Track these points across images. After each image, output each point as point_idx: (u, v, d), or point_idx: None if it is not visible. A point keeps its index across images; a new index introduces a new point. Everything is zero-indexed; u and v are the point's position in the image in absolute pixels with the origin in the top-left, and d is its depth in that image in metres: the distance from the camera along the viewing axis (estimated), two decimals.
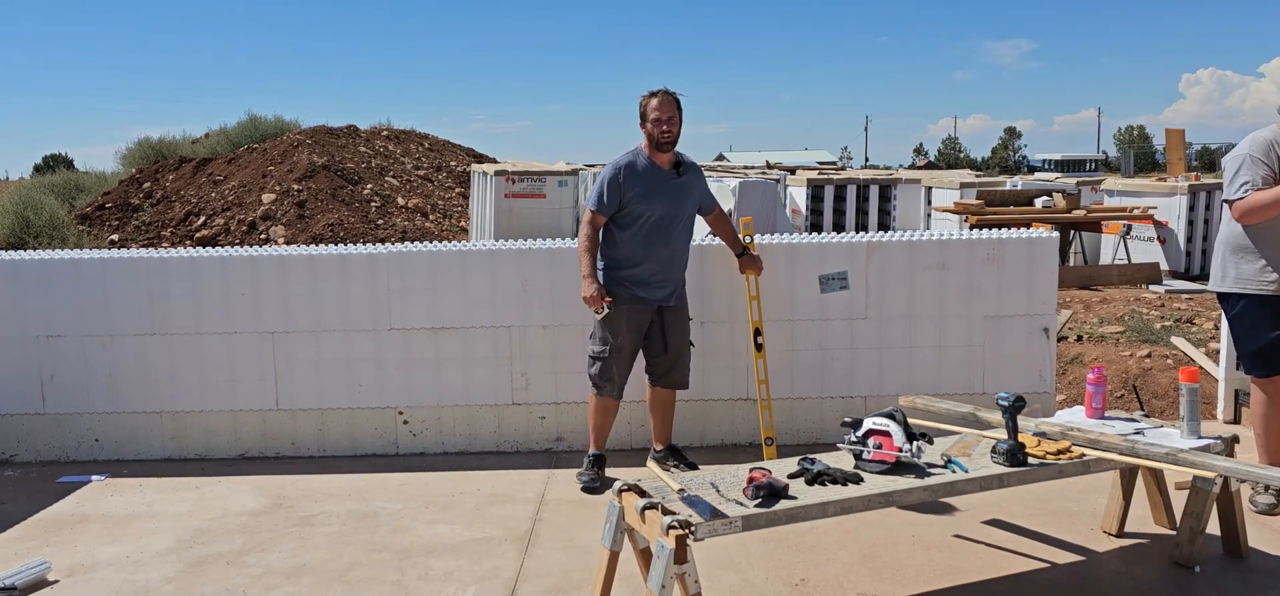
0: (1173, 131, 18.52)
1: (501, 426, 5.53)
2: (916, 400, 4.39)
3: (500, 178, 13.21)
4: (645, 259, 4.78)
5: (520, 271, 5.42)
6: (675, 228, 4.86)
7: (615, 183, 4.73)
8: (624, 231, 4.78)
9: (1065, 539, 4.18)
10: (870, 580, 3.82)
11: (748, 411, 5.54)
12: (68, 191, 18.58)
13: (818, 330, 5.47)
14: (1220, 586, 3.73)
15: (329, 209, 16.17)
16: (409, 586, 3.87)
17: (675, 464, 5.02)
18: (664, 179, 4.80)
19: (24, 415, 5.53)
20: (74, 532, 4.49)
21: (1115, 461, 3.68)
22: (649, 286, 4.82)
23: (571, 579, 3.88)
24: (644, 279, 4.81)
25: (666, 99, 4.76)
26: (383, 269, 5.41)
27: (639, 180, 4.74)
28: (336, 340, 5.46)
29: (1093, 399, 4.01)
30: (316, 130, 19.85)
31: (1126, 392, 6.74)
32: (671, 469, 4.71)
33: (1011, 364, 5.50)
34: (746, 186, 11.49)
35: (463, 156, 22.76)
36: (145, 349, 5.44)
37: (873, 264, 5.44)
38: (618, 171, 4.74)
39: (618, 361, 4.85)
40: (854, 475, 3.36)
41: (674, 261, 4.90)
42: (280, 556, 4.17)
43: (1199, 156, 62.40)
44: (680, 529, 2.97)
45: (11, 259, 5.48)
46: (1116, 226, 12.58)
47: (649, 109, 4.76)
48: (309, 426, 5.52)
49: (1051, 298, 5.50)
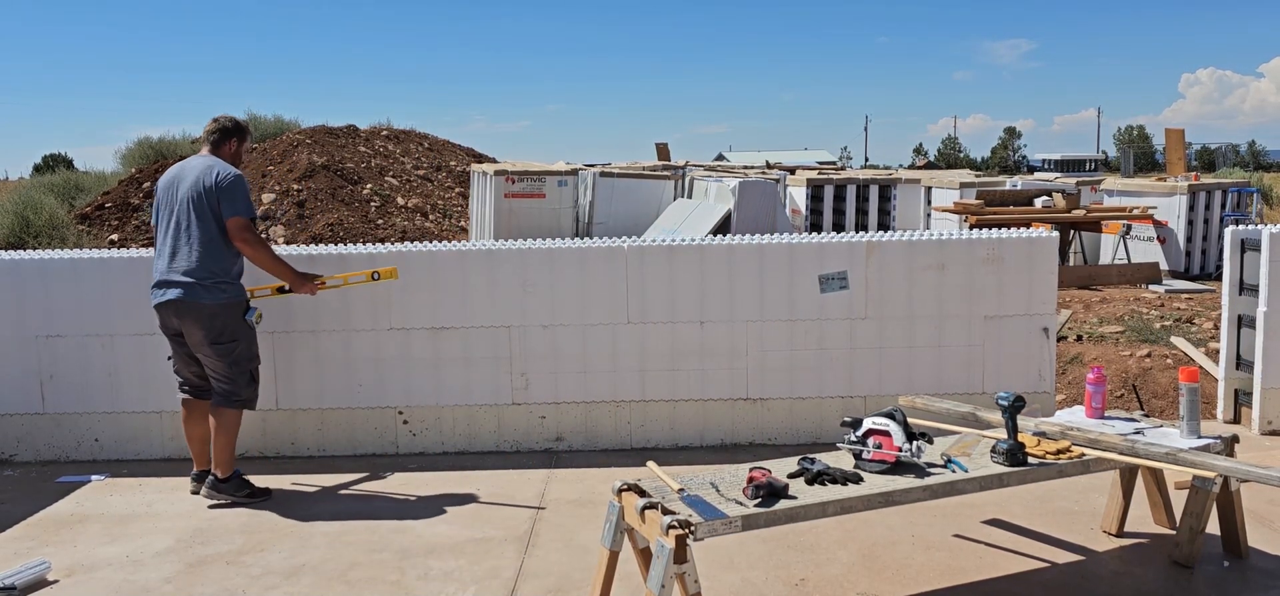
0: (1172, 131, 18.54)
1: (501, 426, 5.53)
2: (916, 400, 4.39)
3: (500, 178, 13.20)
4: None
5: (520, 271, 5.42)
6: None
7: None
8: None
9: (1065, 538, 4.18)
10: (870, 580, 3.82)
11: (748, 411, 5.54)
12: (68, 191, 18.57)
13: (817, 330, 5.47)
14: (1220, 586, 3.73)
15: (329, 209, 16.16)
16: (409, 586, 3.87)
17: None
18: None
19: (24, 415, 5.52)
20: (74, 532, 4.49)
21: (1115, 461, 3.68)
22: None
23: (571, 579, 3.88)
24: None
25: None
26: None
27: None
28: (336, 340, 5.46)
29: (1092, 398, 4.01)
30: (316, 130, 19.83)
31: (1126, 392, 6.74)
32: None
33: (1011, 364, 5.50)
34: (746, 187, 11.49)
35: (462, 156, 22.73)
36: (145, 349, 5.43)
37: (872, 264, 5.44)
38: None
39: (259, 366, 4.97)
40: (854, 475, 3.36)
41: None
42: (280, 556, 4.17)
43: (1199, 156, 62.43)
44: (680, 528, 2.97)
45: (11, 259, 5.48)
46: (1116, 226, 12.59)
47: (247, 140, 4.97)
48: (309, 426, 5.52)
49: (1051, 297, 5.50)
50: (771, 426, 5.55)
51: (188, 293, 4.64)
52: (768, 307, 5.44)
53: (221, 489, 4.82)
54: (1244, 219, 13.10)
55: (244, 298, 4.78)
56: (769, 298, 5.43)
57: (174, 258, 4.68)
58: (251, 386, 4.85)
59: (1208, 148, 69.79)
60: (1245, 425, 5.84)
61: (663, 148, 27.60)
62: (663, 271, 5.43)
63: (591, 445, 5.54)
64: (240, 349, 4.77)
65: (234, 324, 4.73)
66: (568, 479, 5.07)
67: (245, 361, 4.81)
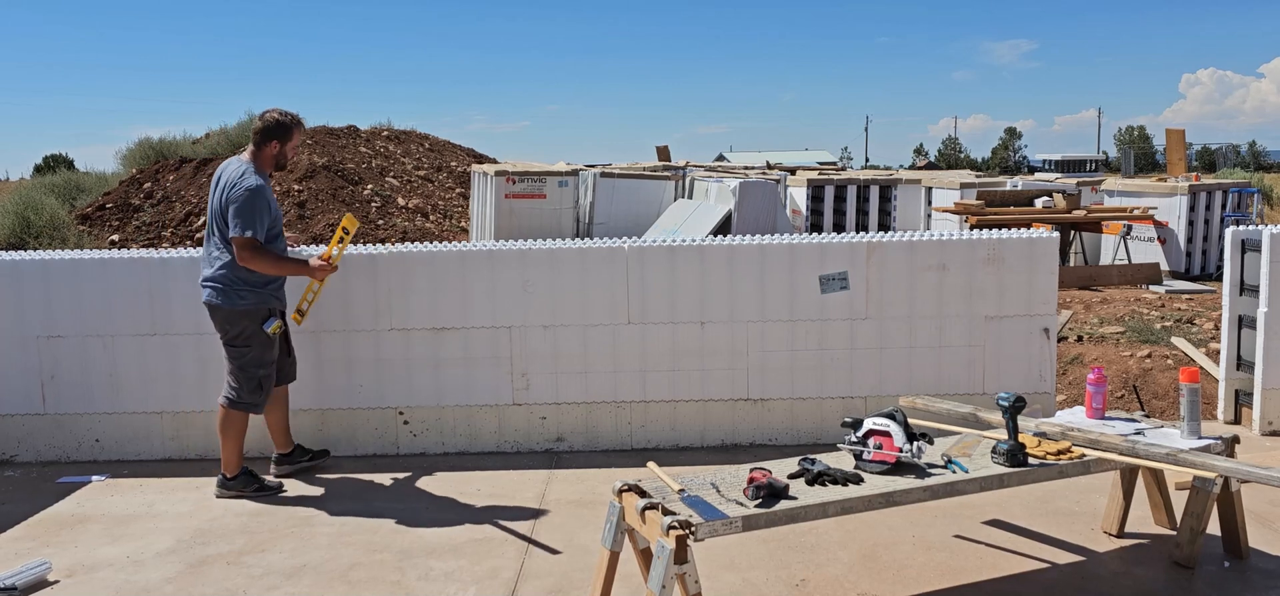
0: (1173, 132, 18.54)
1: (502, 427, 5.53)
2: (917, 400, 4.39)
3: (500, 178, 13.20)
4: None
5: (520, 272, 5.42)
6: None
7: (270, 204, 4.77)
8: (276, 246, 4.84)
9: (1066, 539, 4.18)
10: (870, 580, 3.82)
11: (748, 412, 5.54)
12: (68, 192, 18.56)
13: (818, 330, 5.47)
14: (1221, 587, 3.73)
15: (329, 209, 16.17)
16: (409, 586, 3.87)
17: (308, 458, 5.28)
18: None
19: (24, 415, 5.53)
20: (74, 533, 4.49)
21: (1115, 462, 3.68)
22: (283, 297, 4.99)
23: (571, 579, 3.88)
24: (280, 291, 4.95)
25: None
26: (383, 269, 5.42)
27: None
28: (337, 340, 5.46)
29: (1093, 399, 4.01)
30: (317, 130, 19.82)
31: (1127, 393, 6.74)
32: (305, 464, 5.21)
33: (1012, 364, 5.50)
34: (747, 187, 11.49)
35: (463, 157, 22.73)
36: (145, 349, 5.44)
37: (873, 264, 5.44)
38: (268, 192, 4.77)
39: (272, 374, 4.94)
40: (854, 475, 3.36)
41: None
42: (280, 556, 4.17)
43: (1199, 157, 62.42)
44: (680, 529, 2.97)
45: (12, 259, 5.48)
46: (1117, 226, 12.59)
47: (296, 134, 4.89)
48: (309, 426, 5.52)
49: (1052, 298, 5.50)
50: (772, 427, 5.56)
51: (211, 295, 4.79)
52: (768, 308, 5.44)
53: (228, 486, 4.88)
54: (1244, 219, 13.11)
55: (265, 306, 4.81)
56: (770, 298, 5.43)
57: (206, 260, 4.86)
58: (257, 393, 4.87)
59: (1208, 148, 69.77)
60: (1246, 425, 5.84)
61: (663, 148, 27.58)
62: (663, 272, 5.43)
63: (592, 445, 5.54)
64: (251, 355, 4.80)
65: (249, 330, 4.78)
66: (568, 479, 5.08)
67: (253, 368, 4.83)
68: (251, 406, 4.88)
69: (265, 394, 4.91)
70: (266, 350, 4.85)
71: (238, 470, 4.90)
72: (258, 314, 4.79)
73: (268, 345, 4.85)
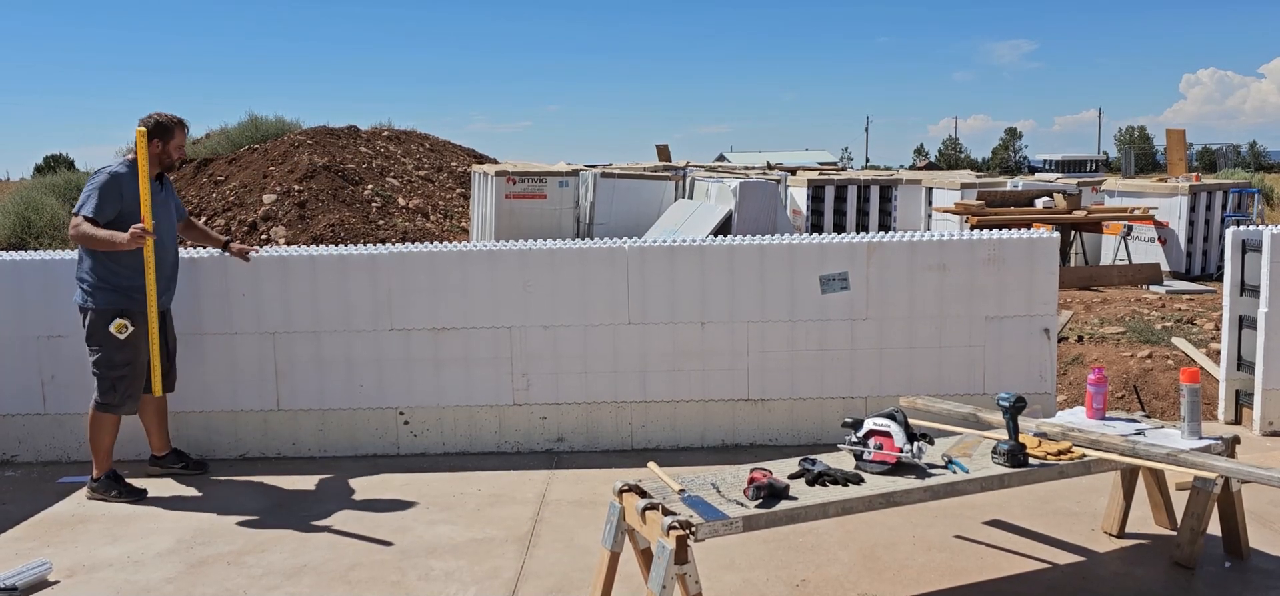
0: (1173, 132, 18.54)
1: (502, 427, 5.53)
2: (917, 400, 4.39)
3: (501, 178, 13.19)
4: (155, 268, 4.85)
5: (521, 272, 5.42)
6: (171, 238, 5.02)
7: (122, 193, 4.74)
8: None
9: (1066, 539, 4.18)
10: (871, 580, 3.82)
11: (749, 412, 5.54)
12: (68, 192, 18.56)
13: (818, 331, 5.47)
14: (1221, 587, 3.73)
15: (330, 209, 16.17)
16: (409, 586, 3.87)
17: (180, 465, 5.26)
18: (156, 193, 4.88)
19: (25, 415, 5.53)
20: (75, 532, 4.49)
21: (1116, 462, 3.68)
22: (140, 300, 4.85)
23: (572, 579, 3.88)
24: (139, 294, 4.83)
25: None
26: (383, 269, 5.42)
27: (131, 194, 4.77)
28: (337, 340, 5.46)
29: (1093, 399, 4.01)
30: (317, 131, 19.83)
31: (1127, 393, 6.74)
32: (179, 469, 5.24)
33: (1012, 364, 5.50)
34: (747, 187, 11.49)
35: (463, 157, 22.73)
36: None
37: (873, 264, 5.44)
38: (124, 183, 4.76)
39: (138, 375, 4.89)
40: (855, 476, 3.36)
41: (174, 270, 5.07)
42: (281, 556, 4.17)
43: (1200, 157, 62.39)
44: (681, 529, 2.97)
45: (12, 259, 5.48)
46: (1117, 227, 12.58)
47: (178, 134, 4.95)
48: (309, 426, 5.52)
49: (1052, 298, 5.50)
50: (773, 427, 5.56)
51: (76, 294, 4.86)
52: (769, 308, 5.44)
53: (95, 487, 4.91)
54: (1245, 220, 13.10)
55: (115, 307, 4.77)
56: (770, 298, 5.43)
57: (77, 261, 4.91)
58: (111, 393, 4.83)
59: (1209, 148, 69.70)
60: (1246, 426, 5.84)
61: (663, 148, 27.59)
62: (664, 272, 5.43)
63: (592, 446, 5.54)
64: (102, 355, 4.80)
65: (96, 331, 4.79)
66: (568, 479, 5.08)
67: (105, 368, 4.81)
68: (112, 407, 4.85)
69: (122, 395, 4.85)
70: (117, 351, 4.79)
71: (103, 472, 4.90)
72: (101, 314, 4.76)
73: (118, 346, 4.78)
